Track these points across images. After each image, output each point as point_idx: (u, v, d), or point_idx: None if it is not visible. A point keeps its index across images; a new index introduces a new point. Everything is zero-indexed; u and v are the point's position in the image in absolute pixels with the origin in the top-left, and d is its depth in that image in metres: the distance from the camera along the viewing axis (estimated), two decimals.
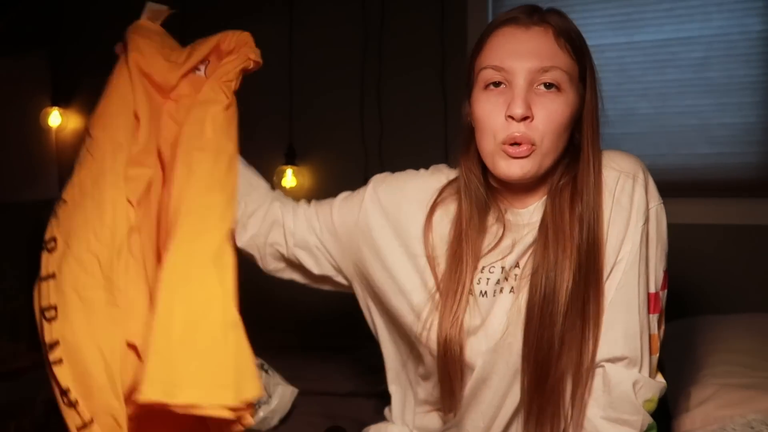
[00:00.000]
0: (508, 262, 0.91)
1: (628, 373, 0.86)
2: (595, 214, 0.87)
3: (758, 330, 1.39)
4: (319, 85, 2.36)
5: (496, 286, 0.91)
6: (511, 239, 0.92)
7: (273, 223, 1.08)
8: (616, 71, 1.99)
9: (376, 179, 1.05)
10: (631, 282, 0.87)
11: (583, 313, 0.85)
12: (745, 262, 1.85)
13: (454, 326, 0.89)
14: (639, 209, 0.89)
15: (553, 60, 0.84)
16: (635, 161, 0.92)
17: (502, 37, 0.87)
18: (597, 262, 0.86)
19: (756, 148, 1.86)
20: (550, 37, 0.85)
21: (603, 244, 0.87)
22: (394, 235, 0.99)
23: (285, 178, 2.33)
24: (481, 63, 0.88)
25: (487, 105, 0.87)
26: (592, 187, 0.87)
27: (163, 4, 1.12)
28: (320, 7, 2.35)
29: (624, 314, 0.86)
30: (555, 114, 0.84)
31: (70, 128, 2.81)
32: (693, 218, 1.89)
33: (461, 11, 2.13)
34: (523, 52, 0.84)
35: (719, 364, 1.26)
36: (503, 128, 0.85)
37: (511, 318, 0.88)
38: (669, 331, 1.51)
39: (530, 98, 0.84)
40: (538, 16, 0.87)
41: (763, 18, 1.84)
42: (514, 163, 0.85)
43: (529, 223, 0.92)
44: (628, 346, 0.85)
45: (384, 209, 1.01)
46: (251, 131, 2.66)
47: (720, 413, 1.09)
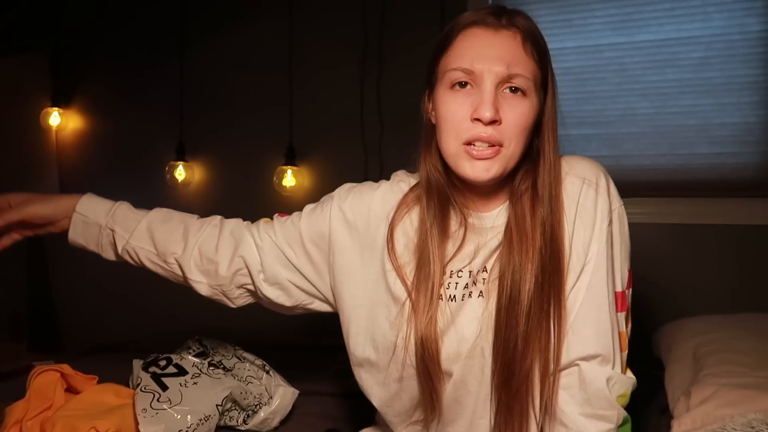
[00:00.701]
0: (475, 267, 0.92)
1: (602, 370, 0.88)
2: (556, 218, 0.89)
3: (758, 330, 1.39)
4: (319, 85, 2.36)
5: (464, 291, 0.92)
6: (475, 243, 0.93)
7: (233, 262, 1.06)
8: (616, 71, 1.99)
9: (339, 195, 1.04)
10: (600, 282, 0.89)
11: (547, 314, 0.87)
12: (745, 262, 1.85)
13: (428, 326, 0.89)
14: (603, 212, 0.91)
15: (519, 66, 0.85)
16: (596, 166, 0.94)
17: (472, 38, 0.87)
18: (559, 264, 0.88)
19: (756, 148, 1.86)
20: (518, 42, 0.86)
21: (564, 247, 0.89)
22: (362, 253, 1.00)
23: (285, 178, 2.33)
24: (448, 64, 0.88)
25: (453, 105, 0.86)
26: (553, 191, 0.89)
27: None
28: (320, 7, 2.36)
29: (595, 313, 0.88)
30: (521, 117, 0.85)
31: (70, 128, 2.82)
32: (693, 218, 1.89)
33: (461, 11, 2.12)
34: (491, 56, 0.84)
35: (719, 364, 1.26)
36: (468, 129, 0.85)
37: (483, 323, 0.89)
38: (669, 331, 1.52)
39: (497, 101, 0.84)
40: (506, 18, 0.87)
41: (763, 18, 1.84)
42: (478, 165, 0.85)
43: (493, 226, 0.93)
44: (601, 344, 0.88)
45: (351, 227, 1.01)
46: (251, 131, 2.70)
47: (720, 413, 1.09)
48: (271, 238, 1.06)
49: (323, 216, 1.03)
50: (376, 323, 0.96)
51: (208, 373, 1.25)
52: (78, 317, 2.87)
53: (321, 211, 1.04)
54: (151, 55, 2.66)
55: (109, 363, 1.53)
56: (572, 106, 2.04)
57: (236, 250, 1.07)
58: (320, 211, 1.04)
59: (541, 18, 2.07)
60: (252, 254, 1.06)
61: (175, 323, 2.52)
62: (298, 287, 1.06)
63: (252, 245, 1.07)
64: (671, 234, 1.92)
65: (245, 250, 1.06)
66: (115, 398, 1.18)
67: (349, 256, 1.00)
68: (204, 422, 1.14)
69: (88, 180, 2.81)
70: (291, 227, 1.06)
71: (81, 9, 2.78)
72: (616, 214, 0.93)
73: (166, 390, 1.16)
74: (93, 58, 2.78)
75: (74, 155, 2.84)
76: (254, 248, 1.06)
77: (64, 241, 1.16)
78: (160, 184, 2.59)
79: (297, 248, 1.05)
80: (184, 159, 2.55)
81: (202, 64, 2.55)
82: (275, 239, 1.06)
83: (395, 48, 2.22)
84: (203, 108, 2.56)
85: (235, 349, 1.43)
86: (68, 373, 1.21)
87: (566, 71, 2.05)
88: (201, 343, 1.42)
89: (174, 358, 1.27)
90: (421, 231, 0.94)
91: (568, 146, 2.12)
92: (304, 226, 1.05)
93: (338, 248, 1.01)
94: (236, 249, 1.07)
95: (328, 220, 1.02)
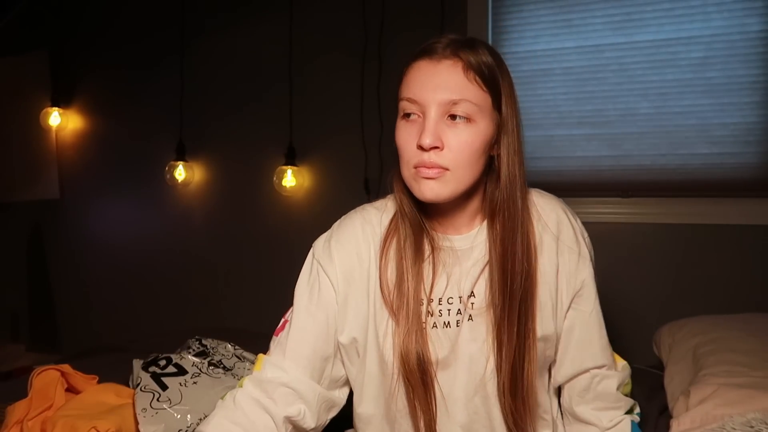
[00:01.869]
0: (464, 292, 0.97)
1: (609, 373, 1.02)
2: (525, 233, 0.95)
3: (758, 330, 1.39)
4: (319, 86, 2.36)
5: (458, 316, 0.97)
6: (456, 268, 0.98)
7: None
8: (616, 71, 1.99)
9: (321, 257, 1.01)
10: (596, 306, 1.01)
11: (528, 327, 0.95)
12: (745, 262, 1.85)
13: (408, 340, 0.93)
14: (583, 240, 1.01)
15: (461, 93, 0.88)
16: (557, 202, 1.02)
17: (416, 71, 0.91)
18: (532, 282, 0.95)
19: (756, 148, 1.86)
20: (459, 70, 0.89)
21: (535, 268, 0.96)
22: (365, 300, 1.00)
23: (285, 178, 2.33)
24: (400, 94, 0.93)
25: (404, 134, 0.92)
26: (514, 211, 0.94)
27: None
28: (320, 7, 2.36)
29: (597, 332, 1.01)
30: (464, 144, 0.89)
31: (70, 128, 2.82)
32: (693, 218, 1.89)
33: (461, 12, 2.13)
34: (434, 86, 0.89)
35: (719, 363, 1.26)
36: (415, 155, 0.90)
37: (484, 345, 0.96)
38: (669, 331, 1.53)
39: (440, 129, 0.89)
40: (450, 49, 0.90)
41: (763, 18, 1.84)
42: (426, 185, 0.90)
43: (471, 249, 0.98)
44: (605, 356, 1.02)
45: (348, 278, 1.00)
46: (251, 131, 2.70)
47: (720, 412, 1.09)
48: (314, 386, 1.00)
49: (328, 298, 1.00)
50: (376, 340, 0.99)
51: (208, 372, 1.25)
52: (78, 317, 2.88)
53: (320, 296, 1.00)
54: (152, 55, 2.66)
55: (109, 363, 1.53)
56: (572, 106, 2.05)
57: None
58: (319, 297, 1.00)
59: (541, 18, 2.07)
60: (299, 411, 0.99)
61: (175, 323, 2.52)
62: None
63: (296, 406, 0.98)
64: (671, 234, 1.92)
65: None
66: (115, 398, 1.18)
67: (353, 310, 1.01)
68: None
69: (88, 180, 2.81)
70: (301, 346, 0.99)
71: (81, 9, 2.78)
72: (588, 241, 1.03)
73: (165, 389, 1.16)
74: (93, 58, 2.78)
75: (74, 155, 2.84)
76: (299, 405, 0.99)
77: (64, 241, 1.16)
78: (160, 184, 2.59)
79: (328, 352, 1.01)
80: (184, 159, 2.55)
81: (202, 64, 2.55)
82: (316, 387, 1.00)
83: (395, 48, 2.22)
84: (203, 108, 2.56)
85: (234, 349, 1.43)
86: (68, 372, 1.21)
87: (566, 71, 2.05)
88: (201, 343, 1.42)
89: (174, 357, 1.27)
90: (397, 253, 0.98)
91: (569, 146, 2.14)
92: (321, 324, 1.00)
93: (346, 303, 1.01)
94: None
95: (333, 295, 1.00)
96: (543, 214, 0.99)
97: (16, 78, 2.94)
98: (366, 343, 0.99)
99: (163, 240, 2.68)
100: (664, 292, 1.93)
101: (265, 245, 2.47)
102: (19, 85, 2.93)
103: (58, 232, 2.87)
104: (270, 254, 2.45)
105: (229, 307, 2.56)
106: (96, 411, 1.11)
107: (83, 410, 1.11)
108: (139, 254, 2.73)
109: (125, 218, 2.75)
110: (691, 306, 1.83)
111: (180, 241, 2.64)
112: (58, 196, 2.86)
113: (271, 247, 2.45)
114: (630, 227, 1.97)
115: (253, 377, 0.98)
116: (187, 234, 2.63)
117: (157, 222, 2.69)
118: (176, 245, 2.65)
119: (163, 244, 2.68)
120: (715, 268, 1.88)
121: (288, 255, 2.54)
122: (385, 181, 1.05)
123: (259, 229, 2.48)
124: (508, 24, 2.11)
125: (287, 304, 1.04)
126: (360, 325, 0.99)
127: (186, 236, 2.63)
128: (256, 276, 2.50)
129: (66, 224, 2.85)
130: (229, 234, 2.55)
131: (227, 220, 2.55)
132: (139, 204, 2.72)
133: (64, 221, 2.86)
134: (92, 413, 1.10)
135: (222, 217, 2.57)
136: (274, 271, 2.43)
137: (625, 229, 1.97)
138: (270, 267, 2.46)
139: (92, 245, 2.81)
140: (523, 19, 2.09)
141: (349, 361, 1.02)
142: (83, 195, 2.83)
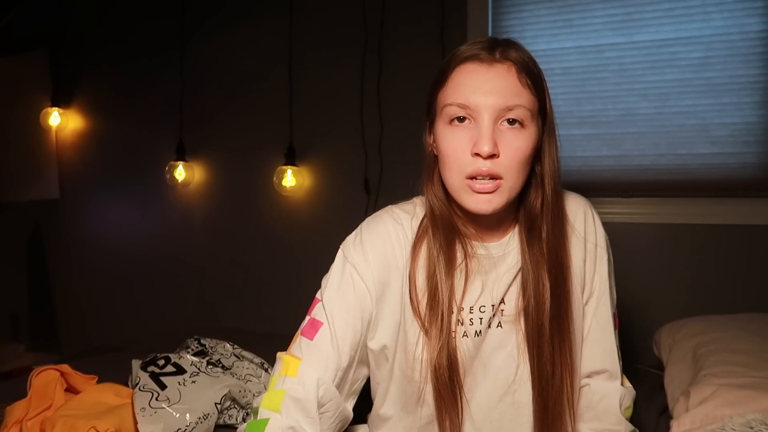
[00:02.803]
0: (495, 299, 0.94)
1: (611, 386, 0.98)
2: (562, 243, 0.94)
3: (758, 330, 1.39)
4: (319, 86, 2.36)
5: (488, 325, 0.94)
6: (488, 275, 0.95)
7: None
8: (616, 71, 1.99)
9: (355, 260, 0.96)
10: (605, 308, 0.99)
11: (562, 336, 0.93)
12: (745, 262, 1.85)
13: (440, 355, 0.91)
14: (602, 246, 1.00)
15: (516, 98, 0.85)
16: (586, 201, 1.01)
17: (467, 75, 0.87)
18: (566, 288, 0.93)
19: (756, 148, 1.86)
20: (513, 74, 0.86)
21: (569, 272, 0.94)
22: (398, 305, 0.97)
23: (285, 178, 2.33)
24: (445, 99, 0.89)
25: (453, 141, 0.87)
26: (557, 217, 0.93)
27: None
28: (320, 6, 2.36)
29: (601, 334, 0.98)
30: (519, 150, 0.86)
31: (70, 128, 2.82)
32: (693, 218, 1.89)
33: (461, 11, 2.13)
34: (487, 91, 0.85)
35: (719, 364, 1.26)
36: (469, 164, 0.86)
37: (516, 355, 0.94)
38: (669, 331, 1.53)
39: (495, 135, 0.85)
40: (499, 52, 0.87)
41: (763, 18, 1.84)
42: (481, 198, 0.86)
43: (504, 255, 0.95)
44: (607, 361, 0.98)
45: (381, 281, 0.96)
46: (251, 131, 2.69)
47: (719, 413, 1.09)
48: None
49: (364, 305, 0.96)
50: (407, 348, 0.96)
51: (206, 371, 1.25)
52: (78, 317, 2.88)
53: (356, 301, 0.95)
54: (151, 55, 2.66)
55: (109, 363, 1.53)
56: (572, 106, 2.04)
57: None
58: (355, 303, 0.95)
59: (541, 18, 2.07)
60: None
61: (174, 323, 2.52)
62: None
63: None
64: (671, 234, 1.92)
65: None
66: (114, 398, 1.18)
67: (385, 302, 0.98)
68: (203, 421, 1.14)
69: (88, 180, 2.81)
70: (342, 348, 0.95)
71: (81, 9, 2.79)
72: (608, 244, 1.02)
73: (164, 389, 1.16)
74: (93, 58, 2.78)
75: (74, 155, 2.84)
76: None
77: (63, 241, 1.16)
78: (160, 184, 2.59)
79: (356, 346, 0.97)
80: (184, 159, 2.55)
81: (202, 64, 2.55)
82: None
83: (395, 48, 2.22)
84: (203, 108, 2.56)
85: (233, 348, 1.43)
86: (68, 372, 1.21)
87: (566, 71, 2.05)
88: (200, 342, 1.42)
89: (172, 357, 1.27)
90: (429, 262, 0.94)
91: (569, 146, 2.14)
92: (352, 323, 0.95)
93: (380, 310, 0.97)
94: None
95: (369, 302, 0.95)
96: (570, 214, 0.98)
97: (16, 78, 2.94)
98: (396, 349, 0.96)
99: (163, 240, 2.68)
100: (664, 292, 1.93)
101: (265, 245, 2.47)
102: (19, 85, 2.93)
103: (58, 232, 2.87)
104: (270, 254, 2.45)
105: (228, 307, 2.56)
106: (95, 411, 1.11)
107: (82, 410, 1.11)
108: (138, 254, 2.72)
109: (125, 218, 2.75)
110: (691, 306, 1.83)
111: (180, 241, 2.64)
112: (58, 196, 2.86)
113: (270, 247, 2.45)
114: (630, 227, 1.97)
115: (293, 400, 0.91)
116: (186, 234, 2.63)
117: (157, 222, 2.69)
118: (176, 245, 2.65)
119: (163, 244, 2.68)
120: (715, 268, 1.88)
121: (288, 255, 2.54)
122: (384, 181, 1.04)
123: (259, 229, 2.48)
124: (508, 24, 2.11)
125: (287, 303, 1.04)
126: (392, 332, 0.96)
127: (186, 236, 2.63)
128: (255, 276, 2.50)
129: (66, 224, 2.85)
130: (228, 234, 2.55)
131: (227, 220, 2.55)
132: (139, 204, 2.72)
133: (64, 221, 2.86)
134: (91, 413, 1.10)
135: (222, 217, 2.57)
136: (273, 271, 2.43)
137: (625, 229, 1.97)
138: (270, 267, 2.46)
139: (92, 245, 2.80)
140: (523, 19, 2.09)
141: (376, 365, 0.99)
142: (83, 195, 2.83)
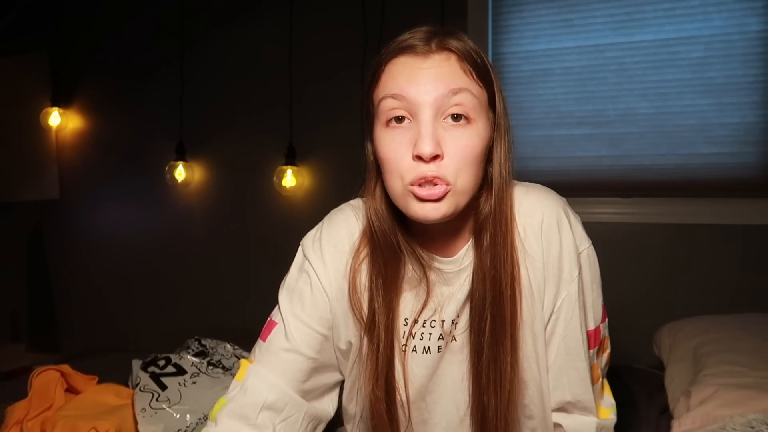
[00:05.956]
0: (447, 316, 0.86)
1: (585, 421, 0.86)
2: (511, 256, 0.82)
3: (758, 330, 1.39)
4: (319, 86, 2.36)
5: (440, 342, 0.87)
6: (443, 292, 0.86)
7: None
8: (616, 71, 1.99)
9: (312, 257, 0.90)
10: (574, 331, 0.85)
11: (507, 354, 0.82)
12: (745, 262, 1.85)
13: (377, 387, 0.84)
14: (570, 258, 0.84)
15: (459, 81, 0.75)
16: (556, 202, 0.86)
17: (401, 66, 0.77)
18: (514, 306, 0.82)
19: (756, 148, 1.86)
20: (453, 62, 0.77)
21: (518, 287, 0.83)
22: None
23: (285, 178, 2.33)
24: (379, 93, 0.78)
25: (392, 144, 0.77)
26: (500, 223, 0.81)
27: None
28: (320, 6, 2.36)
29: (570, 361, 0.85)
30: (467, 149, 0.75)
31: (70, 128, 2.82)
32: (693, 218, 1.89)
33: (461, 11, 2.13)
34: (425, 79, 0.75)
35: (719, 364, 1.26)
36: (411, 169, 0.75)
37: (465, 373, 0.86)
38: (669, 331, 1.52)
39: (438, 134, 0.75)
40: (436, 42, 0.78)
41: (762, 18, 1.84)
42: (427, 206, 0.75)
43: (459, 270, 0.85)
44: (578, 391, 0.86)
45: (337, 288, 0.90)
46: (251, 131, 2.69)
47: (720, 413, 1.09)
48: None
49: (321, 305, 0.90)
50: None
51: (207, 372, 1.25)
52: (78, 317, 2.88)
53: (312, 300, 0.89)
54: (151, 55, 2.66)
55: (109, 363, 1.53)
56: (572, 106, 2.05)
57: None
58: (311, 302, 0.89)
59: (541, 18, 2.07)
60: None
61: (175, 323, 2.52)
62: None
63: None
64: (671, 234, 1.92)
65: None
66: (115, 398, 1.18)
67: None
68: (203, 421, 1.14)
69: (88, 180, 2.81)
70: (295, 353, 0.89)
71: (81, 9, 2.78)
72: (585, 256, 0.86)
73: (165, 389, 1.16)
74: (93, 58, 2.78)
75: (74, 155, 2.84)
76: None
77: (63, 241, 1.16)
78: (160, 184, 2.59)
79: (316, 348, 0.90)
80: (184, 159, 2.55)
81: (202, 64, 2.55)
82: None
83: None
84: (203, 108, 2.56)
85: (234, 349, 1.43)
86: (68, 373, 1.21)
87: (566, 71, 2.05)
88: (200, 343, 1.42)
89: (173, 357, 1.27)
90: (369, 286, 0.86)
91: (569, 146, 2.14)
92: (307, 330, 0.89)
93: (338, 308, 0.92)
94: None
95: (327, 301, 0.89)
96: (527, 221, 0.84)
97: (16, 78, 2.94)
98: (363, 345, 0.90)
99: (163, 240, 2.68)
100: (664, 292, 1.93)
101: (265, 245, 2.47)
102: (19, 85, 2.93)
103: (58, 231, 2.87)
104: (270, 254, 2.45)
105: (228, 307, 2.56)
106: (96, 411, 1.11)
107: (83, 410, 1.11)
108: (139, 254, 2.73)
109: (125, 218, 2.75)
110: (691, 306, 1.83)
111: (180, 241, 2.64)
112: (58, 196, 2.86)
113: (271, 247, 2.45)
114: (630, 227, 1.97)
115: (230, 408, 0.86)
116: (187, 234, 2.63)
117: (157, 222, 2.69)
118: (176, 245, 2.65)
119: (163, 244, 2.68)
120: (715, 268, 1.88)
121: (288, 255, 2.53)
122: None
123: (259, 229, 2.48)
124: (508, 24, 2.11)
125: None
126: (355, 331, 0.89)
127: (186, 236, 2.63)
128: (255, 276, 2.50)
129: (66, 224, 2.85)
130: (229, 234, 2.55)
131: (227, 220, 2.55)
132: (139, 204, 2.72)
133: (64, 221, 2.86)
134: (92, 413, 1.10)
135: (222, 216, 2.57)
136: (273, 271, 2.42)
137: (625, 229, 1.97)
138: (270, 267, 2.46)
139: (92, 245, 2.81)
140: (523, 19, 2.09)
141: (345, 360, 0.93)
142: (83, 195, 2.83)
